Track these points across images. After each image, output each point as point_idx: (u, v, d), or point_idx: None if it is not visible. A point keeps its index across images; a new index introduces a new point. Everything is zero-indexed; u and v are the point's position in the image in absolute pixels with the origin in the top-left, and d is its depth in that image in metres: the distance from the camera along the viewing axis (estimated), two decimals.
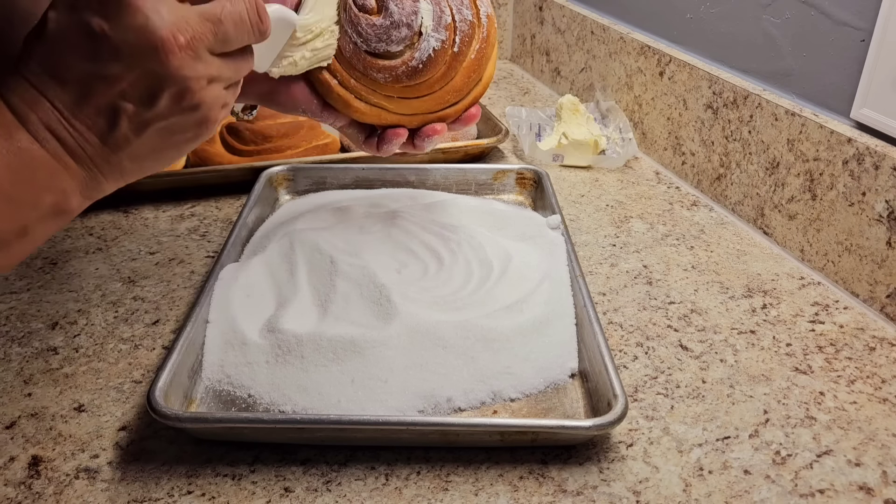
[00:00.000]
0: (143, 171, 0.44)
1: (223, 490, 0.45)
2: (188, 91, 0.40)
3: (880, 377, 0.55)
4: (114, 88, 0.39)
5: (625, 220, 0.76)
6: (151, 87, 0.39)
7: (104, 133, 0.40)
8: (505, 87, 1.16)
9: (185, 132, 0.43)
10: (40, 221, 0.40)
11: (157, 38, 0.38)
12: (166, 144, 0.43)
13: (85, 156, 0.40)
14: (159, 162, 0.44)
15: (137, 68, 0.38)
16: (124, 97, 0.39)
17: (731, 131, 0.76)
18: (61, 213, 0.41)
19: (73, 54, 0.38)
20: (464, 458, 0.47)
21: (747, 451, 0.48)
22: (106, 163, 0.41)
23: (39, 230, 0.41)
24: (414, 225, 0.65)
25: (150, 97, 0.40)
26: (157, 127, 0.41)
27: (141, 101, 0.39)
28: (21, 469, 0.46)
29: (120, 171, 0.42)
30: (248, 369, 0.52)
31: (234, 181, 0.79)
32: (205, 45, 0.40)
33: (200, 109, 0.42)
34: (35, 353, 0.56)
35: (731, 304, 0.63)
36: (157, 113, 0.40)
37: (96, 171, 0.41)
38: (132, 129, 0.40)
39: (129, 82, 0.39)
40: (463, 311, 0.55)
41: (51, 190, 0.40)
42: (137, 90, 0.39)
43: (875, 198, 0.60)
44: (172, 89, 0.40)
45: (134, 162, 0.42)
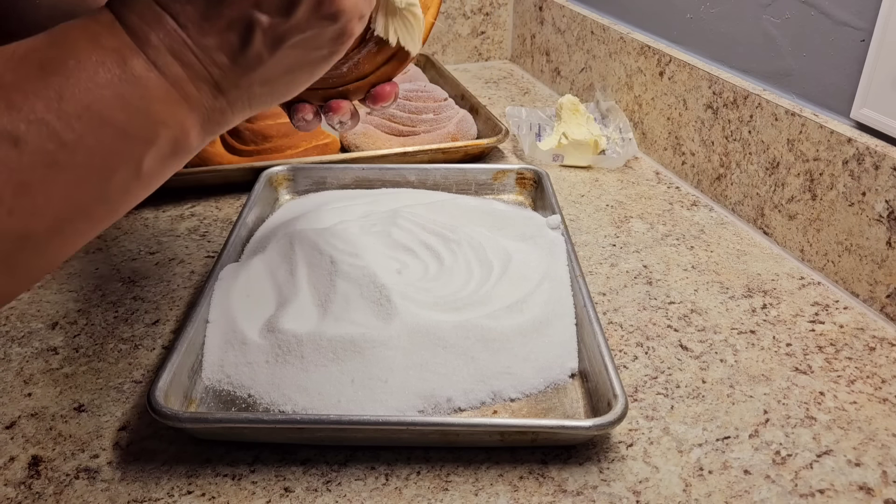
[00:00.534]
0: (274, 96, 0.40)
1: (223, 490, 0.45)
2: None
3: (880, 377, 0.55)
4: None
5: (625, 220, 0.76)
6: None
7: (235, 51, 0.36)
8: (505, 87, 1.16)
9: (320, 48, 0.39)
10: (157, 160, 0.37)
11: None
12: (301, 63, 0.39)
13: (211, 81, 0.37)
14: (291, 86, 0.40)
15: None
16: (259, 6, 0.36)
17: (731, 131, 0.76)
18: (180, 149, 0.38)
19: None
20: (464, 458, 0.47)
21: (747, 451, 0.48)
22: (234, 87, 0.38)
23: (155, 170, 0.37)
24: (414, 225, 0.65)
25: (288, 5, 0.36)
26: (293, 41, 0.37)
27: (277, 9, 0.36)
28: (21, 469, 0.46)
29: (248, 97, 0.39)
30: (248, 369, 0.52)
31: (234, 181, 0.79)
32: None
33: (340, 19, 0.38)
34: (35, 353, 0.56)
35: (731, 304, 0.63)
36: (294, 24, 0.37)
37: (222, 99, 0.38)
38: (266, 45, 0.37)
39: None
40: (463, 311, 0.55)
41: (169, 124, 0.36)
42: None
43: (875, 198, 0.60)
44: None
45: (265, 85, 0.39)
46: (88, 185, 0.35)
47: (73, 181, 0.34)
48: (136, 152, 0.36)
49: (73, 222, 0.36)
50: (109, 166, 0.35)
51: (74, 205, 0.35)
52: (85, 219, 0.36)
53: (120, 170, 0.36)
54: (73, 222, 0.36)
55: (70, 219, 0.35)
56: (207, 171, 0.79)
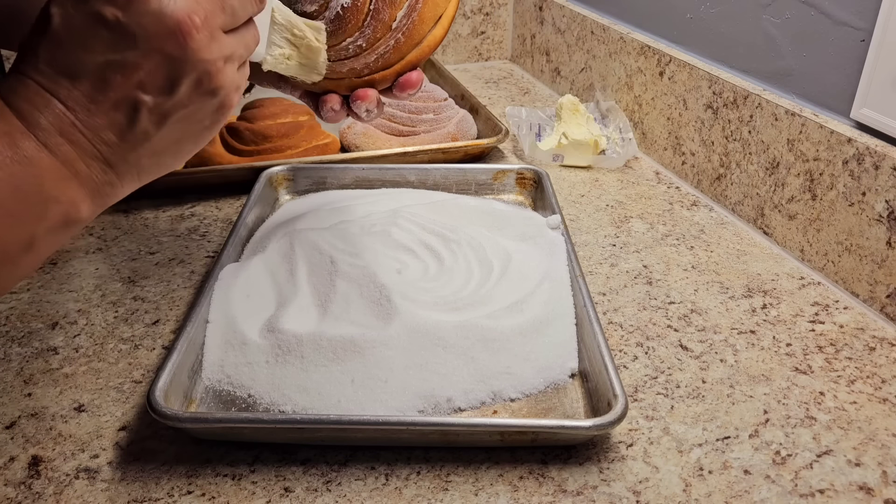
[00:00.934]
0: (161, 168, 0.42)
1: (223, 490, 0.45)
2: (207, 74, 0.39)
3: (880, 377, 0.55)
4: (132, 79, 0.37)
5: (625, 220, 0.76)
6: (171, 73, 0.38)
7: (123, 129, 0.38)
8: (505, 87, 1.16)
9: (203, 120, 0.41)
10: (48, 234, 0.38)
11: (174, 21, 0.37)
12: (186, 135, 0.41)
13: (100, 157, 0.38)
14: (178, 156, 0.42)
15: (155, 55, 0.37)
16: (143, 87, 0.38)
17: (731, 131, 0.76)
18: (70, 223, 0.39)
19: (84, 47, 0.37)
20: (464, 458, 0.47)
21: (747, 451, 0.48)
22: (123, 162, 0.39)
23: (47, 243, 0.39)
24: (414, 225, 0.65)
25: (170, 84, 0.38)
26: (178, 117, 0.39)
27: (160, 89, 0.38)
28: (21, 469, 0.46)
29: (137, 170, 0.40)
30: (248, 369, 0.52)
31: (234, 181, 0.79)
32: (217, 23, 0.39)
33: (220, 93, 0.40)
34: (35, 353, 0.56)
35: (731, 304, 0.63)
36: (177, 101, 0.39)
37: (112, 173, 0.39)
38: (152, 122, 0.39)
39: (146, 71, 0.37)
40: (463, 311, 0.55)
41: (59, 200, 0.38)
42: (156, 78, 0.38)
43: (875, 198, 0.60)
44: (192, 74, 0.38)
45: (153, 158, 0.40)
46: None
47: None
48: (27, 229, 0.37)
49: None
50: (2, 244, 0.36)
51: None
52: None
53: (11, 246, 0.37)
54: None
55: None
56: (207, 171, 0.79)
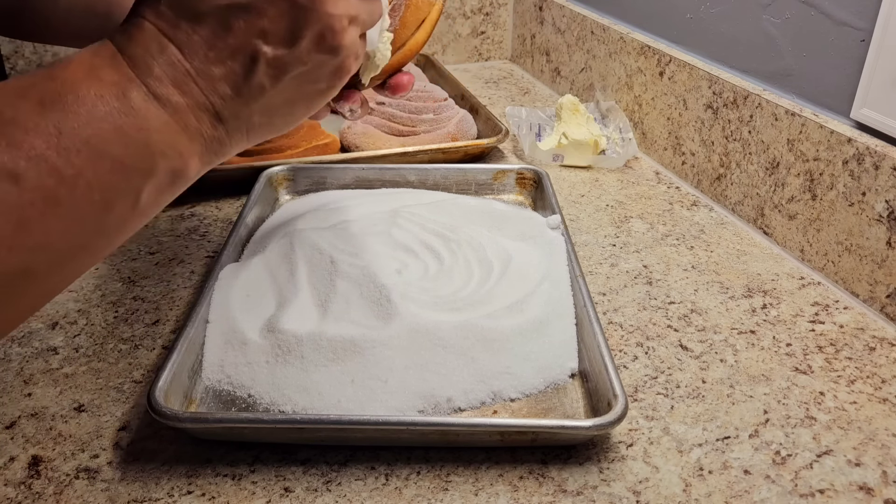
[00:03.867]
0: (272, 128, 0.41)
1: (223, 490, 0.45)
2: (331, 30, 0.38)
3: (880, 377, 0.55)
4: (253, 26, 0.36)
5: (625, 220, 0.76)
6: (294, 24, 0.37)
7: (238, 81, 0.37)
8: (505, 87, 1.16)
9: (319, 81, 0.40)
10: (155, 191, 0.37)
11: None
12: (300, 95, 0.40)
13: (212, 110, 0.37)
14: (289, 118, 0.41)
15: (282, 2, 0.36)
16: (263, 37, 0.36)
17: (731, 131, 0.76)
18: (178, 180, 0.38)
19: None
20: (464, 458, 0.47)
21: (747, 451, 0.48)
22: (234, 117, 0.38)
23: (153, 200, 0.37)
24: (414, 225, 0.65)
25: (292, 36, 0.37)
26: (295, 73, 0.38)
27: (281, 41, 0.37)
28: (21, 469, 0.46)
29: (248, 127, 0.39)
30: (248, 369, 0.52)
31: (234, 181, 0.79)
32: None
33: (340, 54, 0.39)
34: (35, 353, 0.56)
35: (731, 304, 0.63)
36: (296, 56, 0.37)
37: (221, 129, 0.38)
38: (269, 76, 0.37)
39: (270, 18, 0.36)
40: (463, 311, 0.55)
41: (168, 155, 0.36)
42: (278, 28, 0.36)
43: (875, 198, 0.60)
44: (315, 28, 0.37)
45: (264, 116, 0.39)
46: (87, 219, 0.35)
47: (72, 216, 0.34)
48: (134, 185, 0.36)
49: (72, 256, 0.35)
50: (108, 200, 0.35)
51: (73, 239, 0.35)
52: (83, 252, 0.36)
53: (118, 203, 0.36)
54: (72, 256, 0.36)
55: (69, 253, 0.35)
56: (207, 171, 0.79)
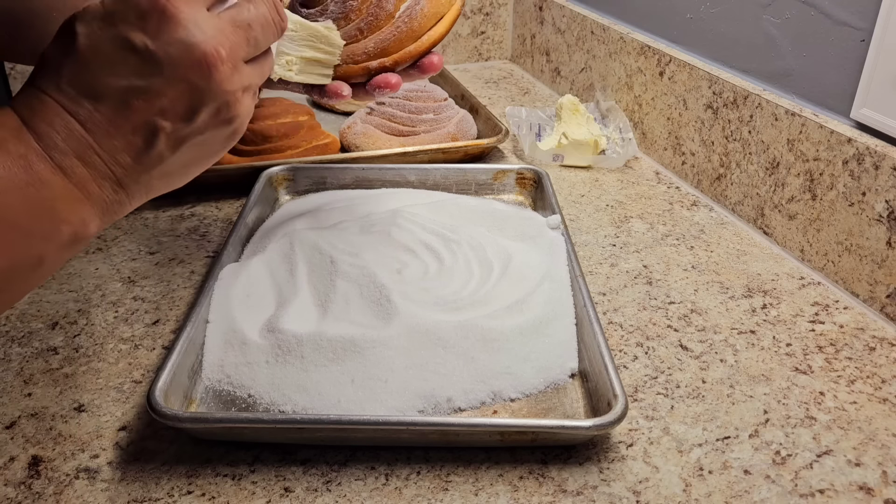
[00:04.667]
0: (170, 186, 0.43)
1: (223, 490, 0.45)
2: (226, 104, 0.40)
3: (880, 377, 0.55)
4: (154, 105, 0.38)
5: (625, 220, 0.76)
6: (192, 102, 0.39)
7: (139, 152, 0.39)
8: (505, 87, 1.16)
9: (215, 145, 0.42)
10: (57, 251, 0.39)
11: (201, 53, 0.37)
12: (197, 158, 0.42)
13: (113, 178, 0.39)
14: (186, 177, 0.43)
15: (180, 83, 0.38)
16: (164, 114, 0.38)
17: (731, 131, 0.76)
18: (79, 241, 0.40)
19: (110, 71, 0.37)
20: (464, 458, 0.47)
21: (747, 451, 0.48)
22: (135, 182, 0.40)
23: (55, 260, 0.39)
24: (414, 225, 0.65)
25: (191, 113, 0.39)
26: (193, 142, 0.40)
27: (180, 117, 0.39)
28: (21, 469, 0.46)
29: (147, 189, 0.41)
30: (248, 369, 0.52)
31: (234, 181, 0.79)
32: (241, 55, 0.40)
33: (235, 122, 0.41)
34: (35, 353, 0.56)
35: (731, 304, 0.63)
36: (194, 128, 0.40)
37: (122, 193, 0.40)
38: (168, 146, 0.39)
39: (169, 98, 0.38)
40: (463, 311, 0.55)
41: (70, 221, 0.38)
42: (178, 106, 0.38)
43: (875, 198, 0.60)
44: (213, 104, 0.39)
45: (163, 179, 0.41)
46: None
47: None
48: (37, 249, 0.38)
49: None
50: (12, 264, 0.37)
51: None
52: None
53: (22, 264, 0.38)
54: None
55: None
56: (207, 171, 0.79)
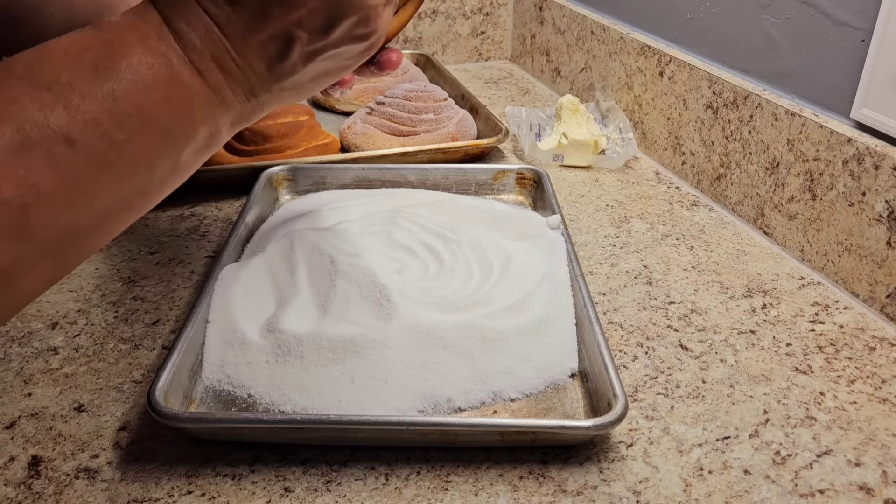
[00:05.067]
0: (300, 96, 0.43)
1: (223, 490, 0.45)
2: (367, 19, 0.39)
3: (880, 377, 0.55)
4: (293, 14, 0.37)
5: (625, 220, 0.76)
6: (331, 15, 0.38)
7: (273, 61, 0.39)
8: (505, 87, 1.16)
9: (348, 59, 0.42)
10: (193, 154, 0.39)
11: None
12: (328, 71, 0.42)
13: (247, 86, 0.39)
14: (316, 88, 0.43)
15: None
16: (301, 24, 0.38)
17: (731, 131, 0.76)
18: (213, 143, 0.40)
19: None
20: (464, 458, 0.47)
21: (747, 451, 0.48)
22: (266, 91, 0.40)
23: (190, 163, 0.40)
24: (414, 225, 0.65)
25: (328, 25, 0.38)
26: (327, 55, 0.40)
27: (318, 30, 0.38)
28: (21, 469, 0.46)
29: (277, 98, 0.41)
30: (248, 369, 0.52)
31: (234, 181, 0.79)
32: None
33: (371, 38, 0.41)
34: (35, 353, 0.56)
35: (731, 304, 0.63)
36: (331, 41, 0.39)
37: (254, 101, 0.40)
38: (302, 58, 0.39)
39: (309, 9, 0.37)
40: (463, 311, 0.55)
41: (207, 123, 0.39)
42: (316, 17, 0.38)
43: (875, 198, 0.60)
44: (353, 18, 0.39)
45: (293, 89, 0.41)
46: (133, 180, 0.37)
47: (120, 177, 0.36)
48: (176, 149, 0.38)
49: (116, 214, 0.38)
50: (153, 163, 0.37)
51: (119, 199, 0.37)
52: (126, 210, 0.38)
53: (161, 165, 0.38)
54: (117, 214, 0.38)
55: (115, 211, 0.37)
56: (207, 171, 0.79)
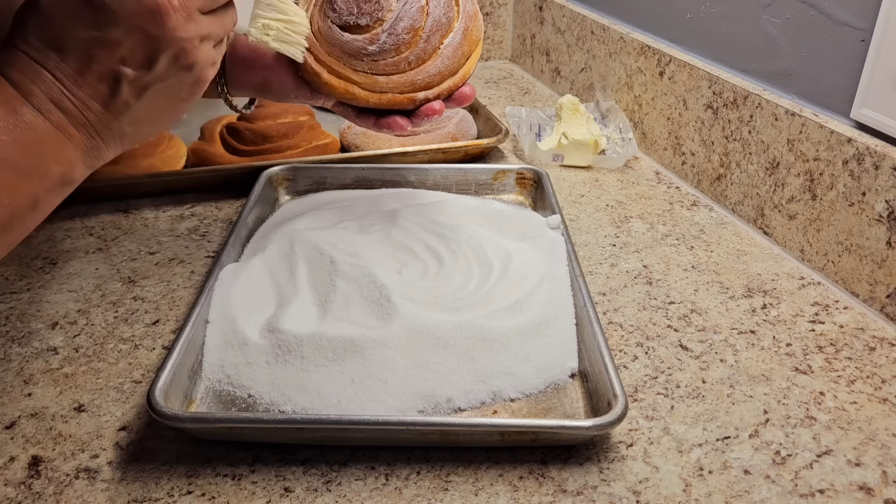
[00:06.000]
0: (141, 135, 0.46)
1: (223, 490, 0.45)
2: (183, 52, 0.42)
3: (880, 377, 0.55)
4: (114, 54, 0.41)
5: (625, 220, 0.76)
6: (150, 50, 0.41)
7: (106, 99, 0.42)
8: (505, 87, 1.16)
9: (180, 93, 0.45)
10: (49, 192, 0.42)
11: (153, 3, 0.40)
12: (163, 106, 0.45)
13: (88, 123, 0.42)
14: (156, 125, 0.46)
15: (137, 33, 0.40)
16: (124, 62, 0.41)
17: (731, 131, 0.76)
18: (67, 182, 0.43)
19: (71, 24, 0.40)
20: (464, 458, 0.47)
21: (747, 451, 0.48)
22: (107, 129, 0.43)
23: (48, 201, 0.42)
24: (414, 225, 0.65)
25: (149, 60, 0.42)
26: (156, 89, 0.43)
27: (140, 64, 0.42)
28: (21, 469, 0.46)
29: (120, 136, 0.44)
30: (248, 369, 0.52)
31: (234, 181, 0.79)
32: (195, 5, 0.42)
33: (195, 69, 0.44)
34: (35, 353, 0.56)
35: (731, 304, 0.63)
36: (155, 75, 0.42)
37: (98, 139, 0.43)
38: (133, 93, 0.42)
39: (128, 47, 0.41)
40: (463, 311, 0.55)
41: (58, 161, 0.42)
42: (137, 54, 0.41)
43: (875, 198, 0.60)
44: (170, 51, 0.42)
45: (133, 126, 0.44)
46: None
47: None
48: (33, 188, 0.41)
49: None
50: (13, 203, 0.40)
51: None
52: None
53: (21, 205, 0.40)
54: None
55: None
56: (207, 171, 0.79)
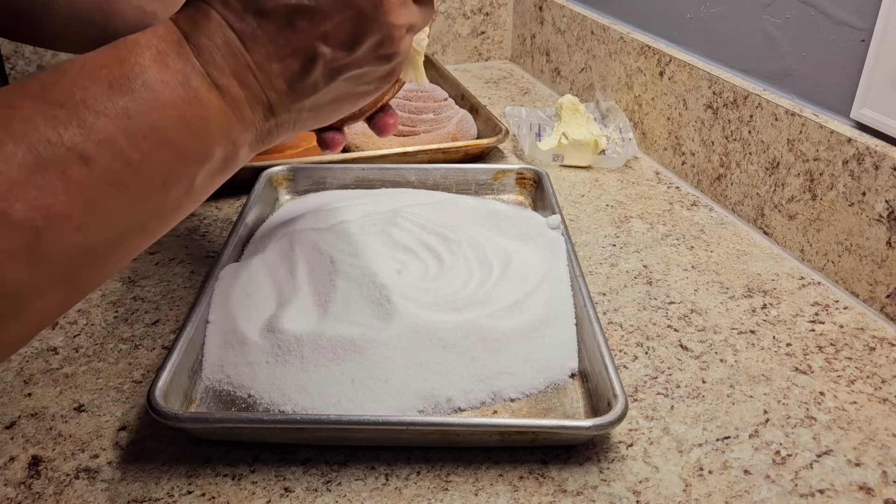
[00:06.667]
0: (318, 121, 0.42)
1: (223, 490, 0.45)
2: (390, 39, 0.39)
3: (880, 377, 0.55)
4: (318, 28, 0.37)
5: (625, 220, 0.76)
6: (356, 31, 0.37)
7: (294, 78, 0.38)
8: (505, 87, 1.16)
9: (370, 83, 0.41)
10: (208, 176, 0.38)
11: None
12: (349, 94, 0.41)
13: (266, 104, 0.38)
14: (335, 113, 0.42)
15: (348, 9, 0.37)
16: (325, 39, 0.37)
17: (731, 131, 0.76)
18: (229, 166, 0.39)
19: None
20: (464, 458, 0.47)
21: (747, 451, 0.48)
22: (285, 111, 0.39)
23: (206, 185, 0.39)
24: (414, 225, 0.65)
25: (352, 42, 0.38)
26: (349, 75, 0.39)
27: (342, 44, 0.38)
28: (21, 469, 0.46)
29: (296, 120, 0.41)
30: (248, 369, 0.52)
31: (234, 181, 0.78)
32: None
33: (394, 60, 0.40)
34: (35, 353, 0.56)
35: (731, 304, 0.63)
36: (353, 59, 0.39)
37: (272, 121, 0.39)
38: (324, 75, 0.39)
39: (334, 23, 0.37)
40: (463, 311, 0.55)
41: (223, 143, 0.37)
42: (341, 33, 0.37)
43: (875, 198, 0.60)
44: (376, 36, 0.38)
45: (312, 111, 0.41)
46: (148, 201, 0.36)
47: (134, 198, 0.35)
48: (191, 170, 0.37)
49: (131, 236, 0.36)
50: (168, 184, 0.36)
51: (133, 220, 0.36)
52: (140, 233, 0.37)
53: (176, 186, 0.36)
54: (131, 237, 0.37)
55: (129, 233, 0.36)
56: None
